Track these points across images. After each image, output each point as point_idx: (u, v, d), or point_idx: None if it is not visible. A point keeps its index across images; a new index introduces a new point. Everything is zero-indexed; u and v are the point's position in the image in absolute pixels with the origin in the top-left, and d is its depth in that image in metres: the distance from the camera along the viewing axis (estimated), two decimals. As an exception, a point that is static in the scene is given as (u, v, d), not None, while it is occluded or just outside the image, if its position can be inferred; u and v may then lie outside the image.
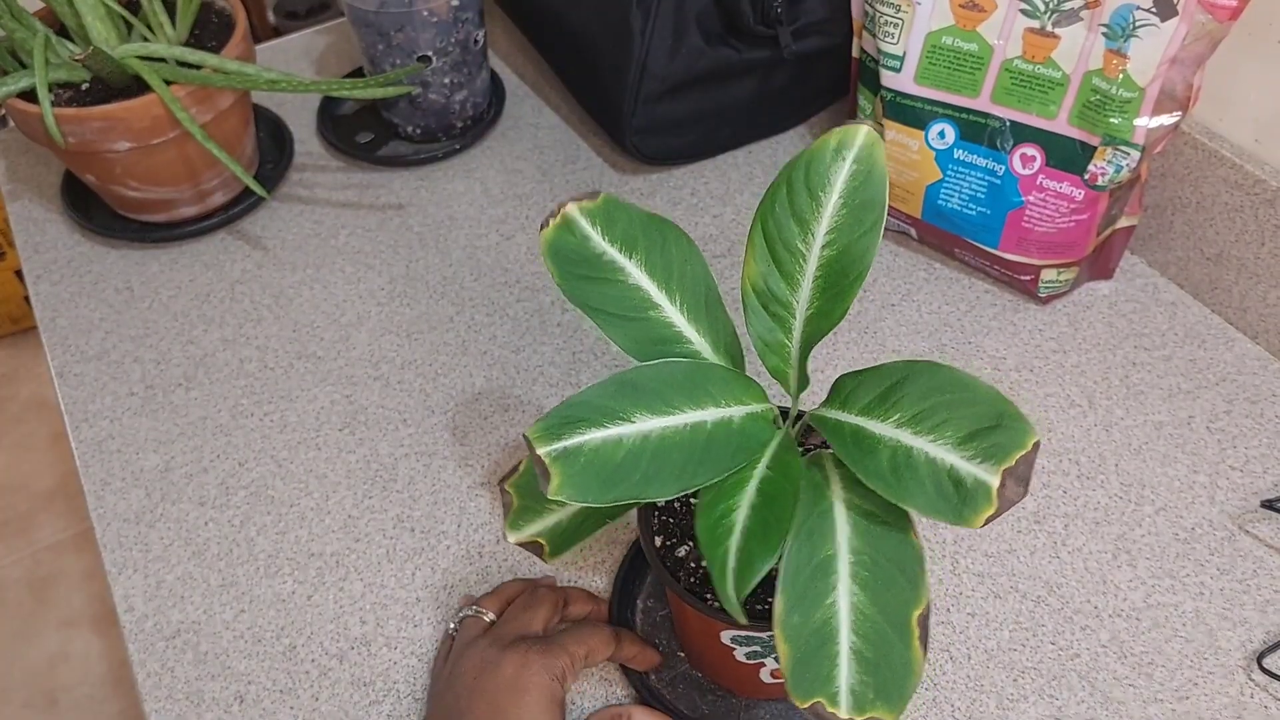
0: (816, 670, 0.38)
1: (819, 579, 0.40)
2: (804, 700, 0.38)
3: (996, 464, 0.37)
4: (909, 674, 0.38)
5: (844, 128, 0.44)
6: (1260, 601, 0.59)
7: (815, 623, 0.39)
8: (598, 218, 0.46)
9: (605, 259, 0.46)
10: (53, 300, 0.80)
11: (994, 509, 0.36)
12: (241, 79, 0.76)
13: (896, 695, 0.38)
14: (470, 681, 0.49)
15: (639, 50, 0.79)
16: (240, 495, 0.67)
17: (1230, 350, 0.72)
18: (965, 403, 0.39)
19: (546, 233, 0.45)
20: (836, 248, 0.43)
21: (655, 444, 0.41)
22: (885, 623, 0.39)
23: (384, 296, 0.79)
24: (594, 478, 0.39)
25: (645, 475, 0.40)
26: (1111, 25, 0.63)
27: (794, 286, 0.44)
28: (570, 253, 0.45)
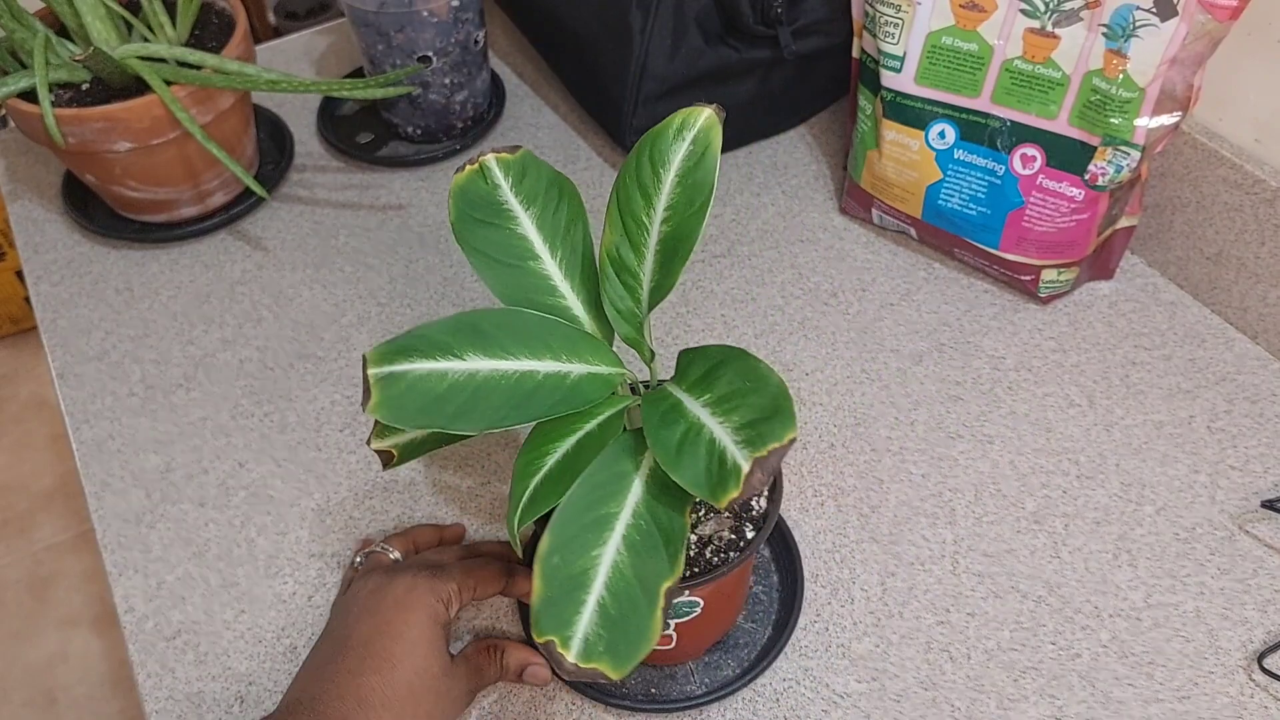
0: (561, 612, 0.39)
1: (592, 531, 0.41)
2: (540, 637, 0.39)
3: (751, 451, 0.38)
4: (644, 639, 0.39)
5: (690, 109, 0.45)
6: (1260, 601, 0.59)
7: (575, 569, 0.40)
8: (511, 169, 0.48)
9: (504, 207, 0.48)
10: (53, 301, 0.80)
11: (738, 493, 0.37)
12: (242, 79, 0.76)
13: (626, 655, 0.39)
14: (362, 601, 0.51)
15: (639, 50, 0.79)
16: (240, 496, 0.67)
17: (1230, 350, 0.72)
18: (756, 392, 0.40)
19: (459, 176, 0.47)
20: (672, 224, 0.45)
21: (479, 383, 0.43)
22: (638, 586, 0.40)
23: (384, 297, 0.79)
24: (409, 405, 0.41)
25: (458, 410, 0.42)
26: (1112, 25, 0.63)
27: (640, 257, 0.46)
28: (475, 197, 0.47)
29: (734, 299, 0.77)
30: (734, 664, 0.58)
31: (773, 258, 0.80)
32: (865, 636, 0.59)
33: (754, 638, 0.59)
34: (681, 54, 0.79)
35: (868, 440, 0.68)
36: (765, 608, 0.60)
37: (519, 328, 0.45)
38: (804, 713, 0.56)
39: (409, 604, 0.50)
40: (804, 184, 0.86)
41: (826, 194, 0.85)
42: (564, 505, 0.42)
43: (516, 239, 0.48)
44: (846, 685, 0.57)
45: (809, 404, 0.70)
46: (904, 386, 0.71)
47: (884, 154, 0.75)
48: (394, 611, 0.50)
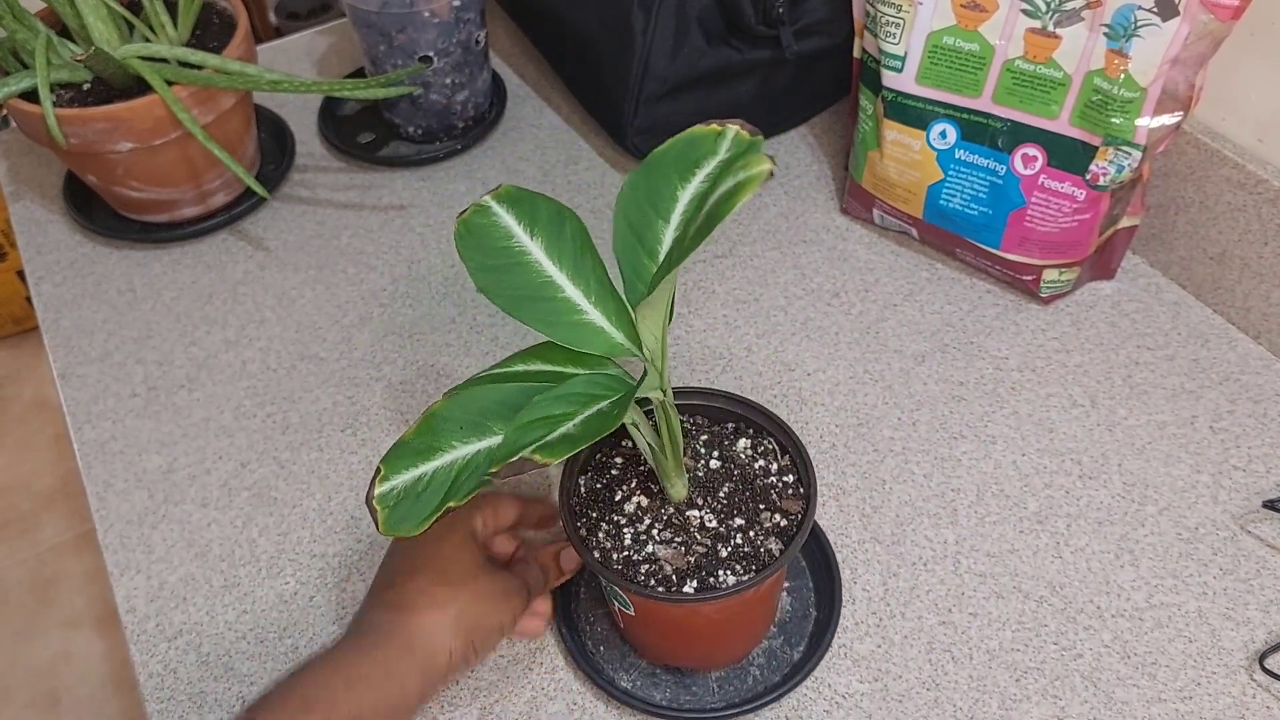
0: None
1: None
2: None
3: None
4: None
5: (718, 125, 0.45)
6: (1263, 602, 0.59)
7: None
8: (504, 201, 0.47)
9: (515, 247, 0.46)
10: (55, 301, 0.80)
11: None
12: (243, 80, 0.76)
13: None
14: (402, 543, 0.56)
15: (640, 50, 0.79)
16: (243, 496, 0.67)
17: (1233, 350, 0.72)
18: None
19: (461, 227, 0.46)
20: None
21: (462, 464, 0.44)
22: None
23: (386, 297, 0.79)
24: (409, 508, 0.43)
25: (449, 491, 0.43)
26: (1113, 25, 0.63)
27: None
28: (485, 241, 0.46)
29: (736, 299, 0.77)
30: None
31: (775, 258, 0.80)
32: (867, 637, 0.59)
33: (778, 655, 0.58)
34: (683, 54, 0.79)
35: (870, 440, 0.68)
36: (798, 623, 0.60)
37: (487, 405, 0.45)
38: (806, 713, 0.56)
39: (437, 531, 0.54)
40: (806, 184, 0.86)
41: (828, 194, 0.85)
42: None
43: (534, 272, 0.46)
44: (849, 685, 0.57)
45: (811, 404, 0.70)
46: (907, 387, 0.71)
47: (885, 154, 0.75)
48: (426, 538, 0.54)
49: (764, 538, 0.50)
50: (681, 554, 0.50)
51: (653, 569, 0.49)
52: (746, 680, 0.57)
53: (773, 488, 0.52)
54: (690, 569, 0.49)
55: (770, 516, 0.51)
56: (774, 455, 0.53)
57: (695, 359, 0.73)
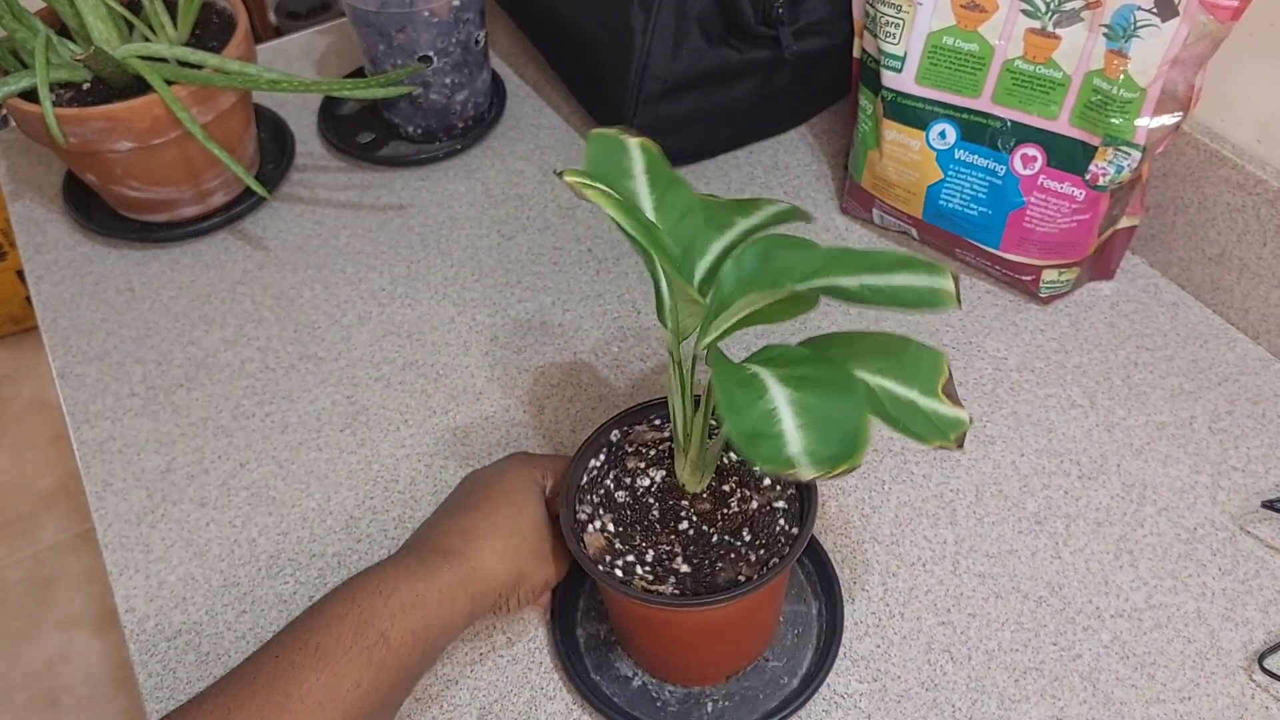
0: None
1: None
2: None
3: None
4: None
5: (573, 185, 0.44)
6: (1262, 602, 0.59)
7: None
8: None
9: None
10: (54, 300, 0.80)
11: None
12: (243, 79, 0.76)
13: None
14: (466, 480, 0.58)
15: (640, 50, 0.79)
16: (242, 496, 0.67)
17: (1232, 351, 0.72)
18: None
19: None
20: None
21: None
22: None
23: (385, 297, 0.79)
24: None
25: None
26: (1112, 26, 0.63)
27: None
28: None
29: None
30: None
31: (774, 258, 0.80)
32: (866, 637, 0.59)
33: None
34: (683, 54, 0.79)
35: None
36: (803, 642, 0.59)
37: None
38: (805, 713, 0.56)
39: (504, 468, 0.57)
40: (805, 184, 0.86)
41: (828, 194, 0.85)
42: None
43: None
44: (848, 685, 0.57)
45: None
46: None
47: (885, 154, 0.75)
48: (492, 474, 0.57)
49: (761, 549, 0.50)
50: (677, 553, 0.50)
51: (643, 570, 0.49)
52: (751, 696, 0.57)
53: (773, 503, 0.52)
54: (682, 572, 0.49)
55: (769, 530, 0.51)
56: None
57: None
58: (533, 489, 0.56)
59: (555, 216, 0.84)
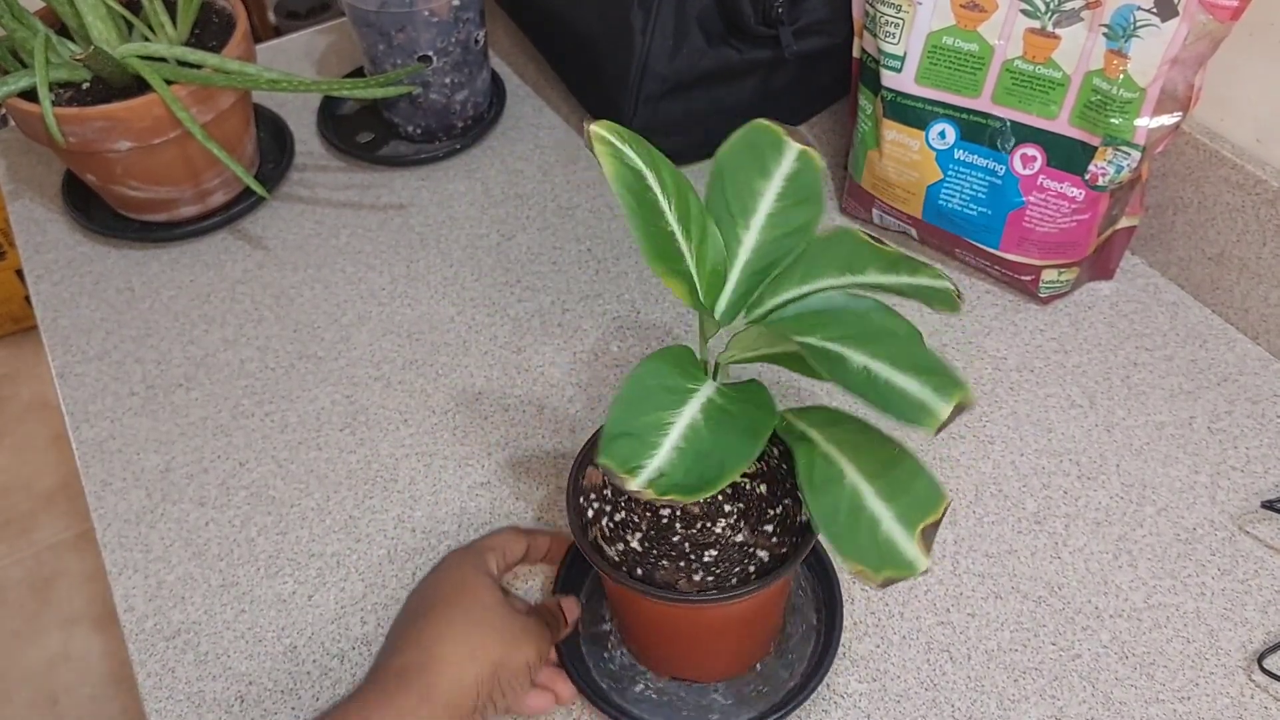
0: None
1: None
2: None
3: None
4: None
5: (594, 134, 0.43)
6: (1261, 602, 0.59)
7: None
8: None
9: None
10: (53, 300, 0.80)
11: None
12: (242, 79, 0.76)
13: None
14: (416, 588, 0.56)
15: (640, 50, 0.79)
16: (241, 495, 0.67)
17: (1231, 351, 0.72)
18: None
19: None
20: (674, 195, 0.45)
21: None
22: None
23: (385, 296, 0.79)
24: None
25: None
26: (1112, 25, 0.63)
27: (684, 258, 0.45)
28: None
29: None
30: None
31: (773, 258, 0.80)
32: (866, 637, 0.59)
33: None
34: (683, 54, 0.79)
35: (868, 440, 0.68)
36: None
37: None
38: (805, 712, 0.56)
39: (443, 568, 0.55)
40: (805, 184, 0.86)
41: (828, 194, 0.85)
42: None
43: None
44: (847, 685, 0.57)
45: (810, 404, 0.70)
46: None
47: (885, 154, 0.75)
48: (435, 577, 0.55)
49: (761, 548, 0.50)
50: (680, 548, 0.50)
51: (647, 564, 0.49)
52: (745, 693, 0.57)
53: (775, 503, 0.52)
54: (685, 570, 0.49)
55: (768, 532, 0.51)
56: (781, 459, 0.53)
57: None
58: (480, 578, 0.53)
59: (555, 216, 0.84)
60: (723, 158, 0.47)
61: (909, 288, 0.45)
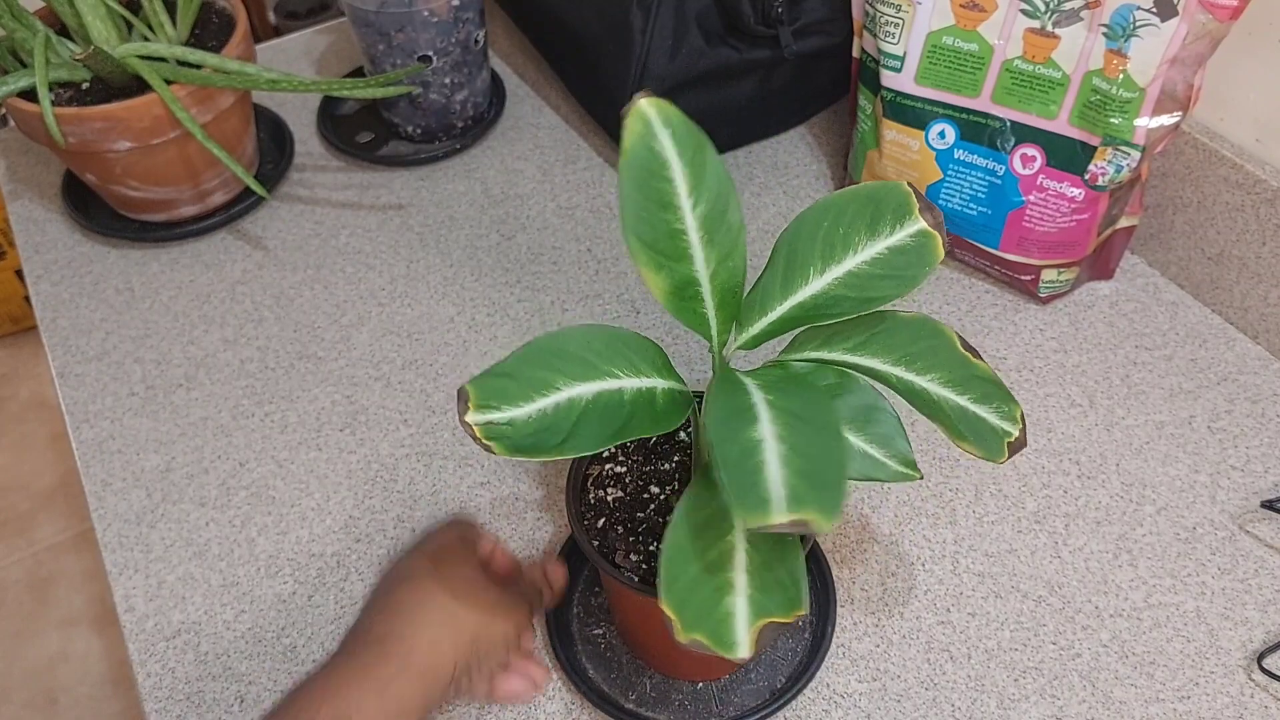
0: (985, 434, 0.44)
1: (915, 395, 0.44)
2: (1003, 455, 0.43)
3: (910, 216, 0.45)
4: (994, 380, 0.45)
5: (630, 111, 0.43)
6: (1261, 601, 0.59)
7: (953, 414, 0.44)
8: (491, 399, 0.42)
9: (545, 415, 0.42)
10: (53, 300, 0.80)
11: (940, 236, 0.45)
12: (242, 79, 0.76)
13: (1007, 396, 0.45)
14: (401, 558, 0.54)
15: (639, 50, 0.79)
16: (241, 496, 0.67)
17: (1231, 350, 0.72)
18: (840, 215, 0.45)
19: (495, 450, 0.42)
20: (704, 200, 0.44)
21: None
22: (960, 370, 0.44)
23: (385, 297, 0.79)
24: (819, 488, 0.37)
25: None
26: (1112, 25, 0.63)
27: (689, 262, 0.44)
28: (517, 441, 0.42)
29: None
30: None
31: (773, 257, 0.80)
32: (866, 636, 0.59)
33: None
34: (682, 54, 0.79)
35: (868, 440, 0.68)
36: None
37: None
38: (805, 712, 0.56)
39: (425, 538, 0.54)
40: (805, 184, 0.86)
41: (827, 193, 0.85)
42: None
43: (593, 406, 0.43)
44: (847, 685, 0.57)
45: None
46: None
47: (884, 154, 0.75)
48: (418, 544, 0.53)
49: None
50: None
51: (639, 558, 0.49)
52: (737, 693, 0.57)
53: None
54: None
55: None
56: None
57: (694, 358, 0.73)
58: (461, 548, 0.53)
59: (555, 216, 0.84)
60: (839, 199, 0.46)
61: (961, 412, 0.45)
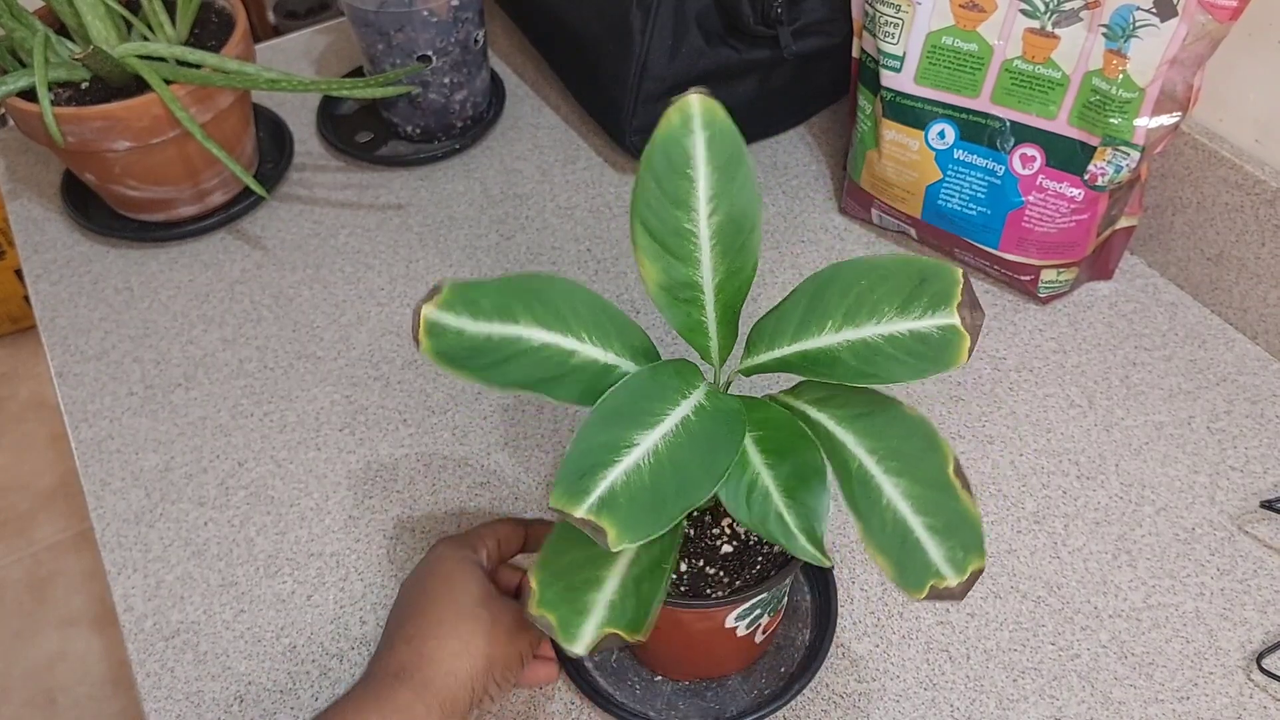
0: (913, 562, 0.40)
1: (865, 488, 0.41)
2: (920, 592, 0.40)
3: (947, 306, 0.40)
4: (973, 521, 0.41)
5: (677, 102, 0.43)
6: (1260, 602, 0.59)
7: (889, 525, 0.41)
8: (457, 306, 0.43)
9: (495, 338, 0.43)
10: (52, 300, 0.80)
11: (968, 339, 0.40)
12: (241, 78, 0.76)
13: (975, 543, 0.40)
14: (405, 582, 0.55)
15: (639, 50, 0.79)
16: (240, 495, 0.67)
17: (1230, 350, 0.72)
18: (882, 279, 0.42)
19: (423, 346, 0.43)
20: (722, 211, 0.44)
21: (667, 454, 0.40)
22: (933, 491, 0.41)
23: (384, 296, 0.79)
24: (641, 510, 0.38)
25: (679, 485, 0.39)
26: (1111, 25, 0.63)
27: (695, 266, 0.45)
28: (458, 350, 0.43)
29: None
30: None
31: (773, 258, 0.80)
32: (865, 637, 0.59)
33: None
34: (682, 54, 0.79)
35: (867, 440, 0.68)
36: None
37: (643, 389, 0.43)
38: (804, 712, 0.56)
39: (432, 560, 0.54)
40: (804, 184, 0.86)
41: (826, 194, 0.85)
42: (837, 488, 0.41)
43: (540, 352, 0.44)
44: (847, 685, 0.57)
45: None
46: (904, 387, 0.71)
47: (884, 154, 0.75)
48: (424, 571, 0.53)
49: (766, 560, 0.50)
50: None
51: None
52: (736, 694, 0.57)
53: None
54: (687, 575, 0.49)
55: None
56: None
57: (693, 359, 0.73)
58: (468, 569, 0.52)
59: (554, 216, 0.84)
60: (887, 263, 0.43)
61: (901, 529, 0.42)
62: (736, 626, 0.50)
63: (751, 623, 0.51)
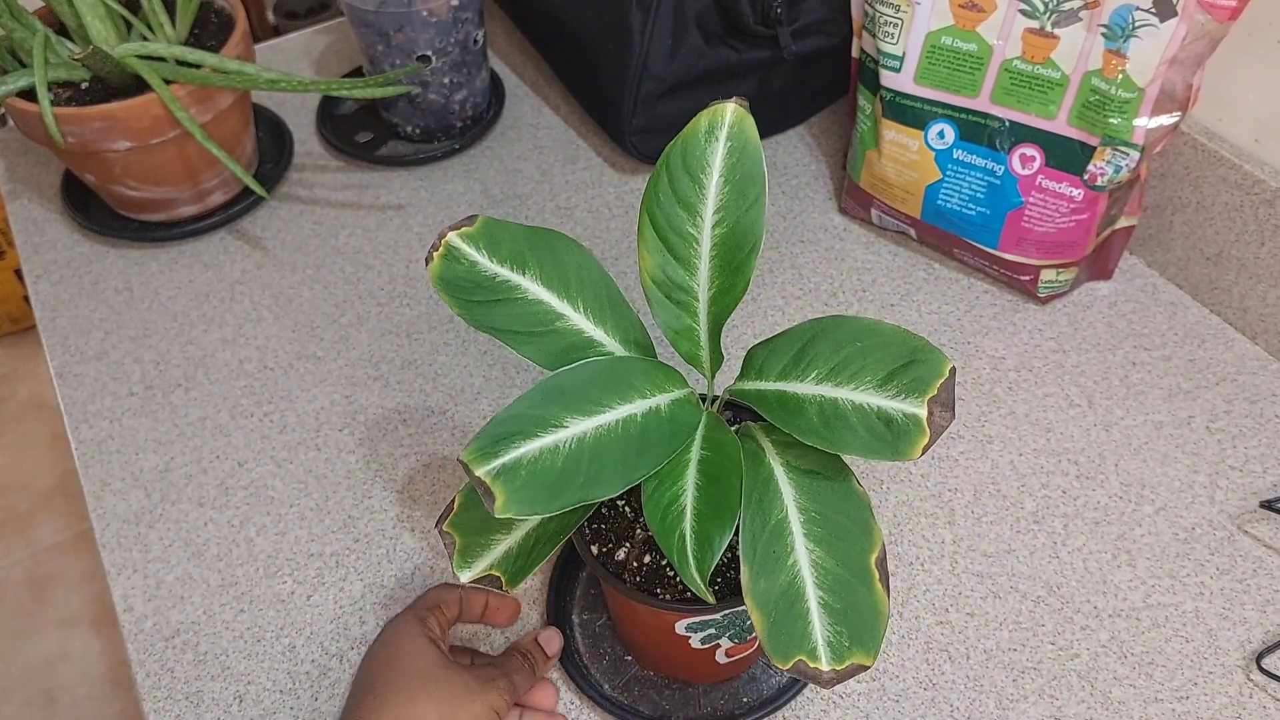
0: (791, 630, 0.39)
1: (776, 543, 0.41)
2: (785, 662, 0.39)
3: (920, 396, 0.39)
4: (876, 616, 0.40)
5: (712, 107, 0.44)
6: (1259, 602, 0.59)
7: (781, 585, 0.40)
8: (480, 241, 0.45)
9: (499, 280, 0.45)
10: (52, 300, 0.80)
11: (927, 437, 0.39)
12: (241, 78, 0.76)
13: (870, 639, 0.39)
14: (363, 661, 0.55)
15: (639, 50, 0.79)
16: (240, 495, 0.67)
17: (1230, 350, 0.72)
18: (876, 347, 0.41)
19: (432, 265, 0.45)
20: (726, 225, 0.44)
21: (592, 444, 0.41)
22: (846, 572, 0.40)
23: (384, 297, 0.79)
24: (538, 488, 0.39)
25: (588, 476, 0.40)
26: (1111, 25, 0.63)
27: (691, 270, 0.45)
28: (461, 280, 0.45)
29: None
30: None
31: (773, 258, 0.80)
32: (864, 636, 0.59)
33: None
34: (681, 54, 0.79)
35: (867, 440, 0.68)
36: None
37: (597, 377, 0.43)
38: (803, 713, 0.56)
39: (385, 635, 0.54)
40: (804, 184, 0.86)
41: (826, 194, 0.85)
42: (743, 530, 0.41)
43: (531, 305, 0.45)
44: (846, 685, 0.57)
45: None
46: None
47: (883, 154, 0.75)
48: (378, 648, 0.54)
49: None
50: None
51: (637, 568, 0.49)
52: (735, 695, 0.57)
53: None
54: None
55: None
56: None
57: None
58: (414, 641, 0.52)
59: (554, 216, 0.84)
60: (889, 334, 0.42)
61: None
62: (689, 637, 0.50)
63: (707, 639, 0.50)
